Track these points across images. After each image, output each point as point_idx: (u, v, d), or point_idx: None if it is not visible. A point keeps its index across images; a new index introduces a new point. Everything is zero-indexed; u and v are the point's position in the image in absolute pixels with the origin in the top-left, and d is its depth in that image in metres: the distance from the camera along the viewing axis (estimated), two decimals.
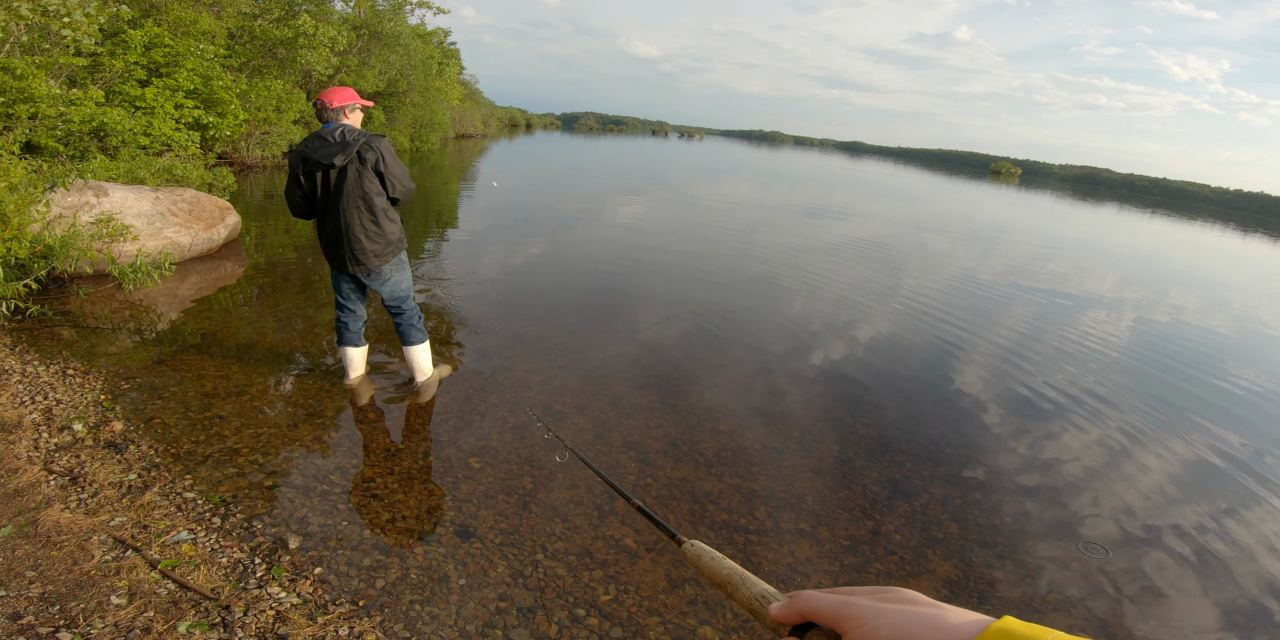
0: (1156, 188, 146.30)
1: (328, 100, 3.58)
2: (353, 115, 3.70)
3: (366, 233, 3.67)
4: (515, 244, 9.46)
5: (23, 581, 2.26)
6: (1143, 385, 6.38)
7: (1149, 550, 3.59)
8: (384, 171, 3.61)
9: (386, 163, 3.61)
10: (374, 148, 3.57)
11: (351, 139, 3.54)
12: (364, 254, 3.71)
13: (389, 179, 3.65)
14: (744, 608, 0.64)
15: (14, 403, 3.48)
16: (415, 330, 4.10)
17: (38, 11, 6.85)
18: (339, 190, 3.58)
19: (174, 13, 13.97)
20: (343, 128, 3.57)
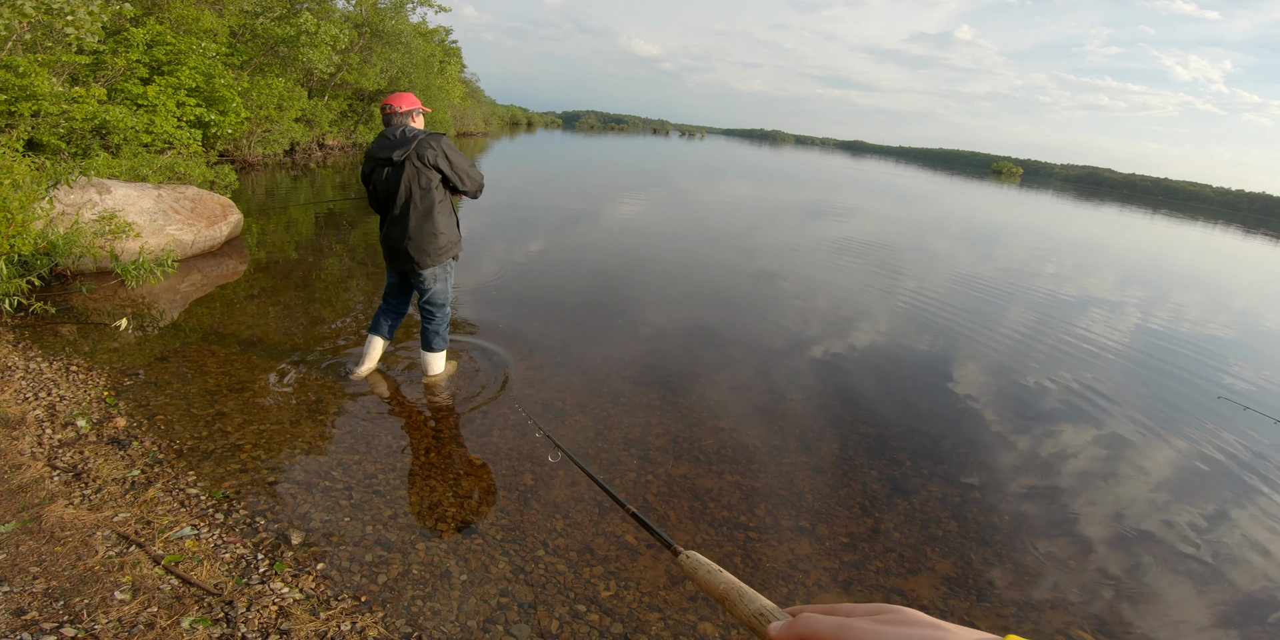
0: (1158, 188, 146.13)
1: (395, 104, 3.72)
2: (418, 119, 3.83)
3: (420, 230, 3.77)
4: (516, 242, 9.47)
5: (27, 577, 2.27)
6: (1142, 385, 6.39)
7: (1147, 549, 3.60)
8: (446, 167, 3.71)
9: (450, 157, 3.71)
10: (433, 145, 3.67)
11: (411, 136, 3.66)
12: (416, 251, 3.80)
13: (454, 172, 3.76)
14: (743, 623, 0.63)
15: (17, 399, 3.50)
16: (438, 338, 4.19)
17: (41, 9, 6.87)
18: (396, 186, 3.71)
19: (176, 11, 13.98)
20: (404, 127, 3.70)
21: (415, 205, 3.73)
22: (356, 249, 8.22)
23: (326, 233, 8.92)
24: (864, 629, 0.48)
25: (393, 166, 3.69)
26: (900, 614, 0.50)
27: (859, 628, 0.48)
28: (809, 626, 0.52)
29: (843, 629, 0.49)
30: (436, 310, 4.09)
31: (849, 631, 0.49)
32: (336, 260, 7.47)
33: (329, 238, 8.63)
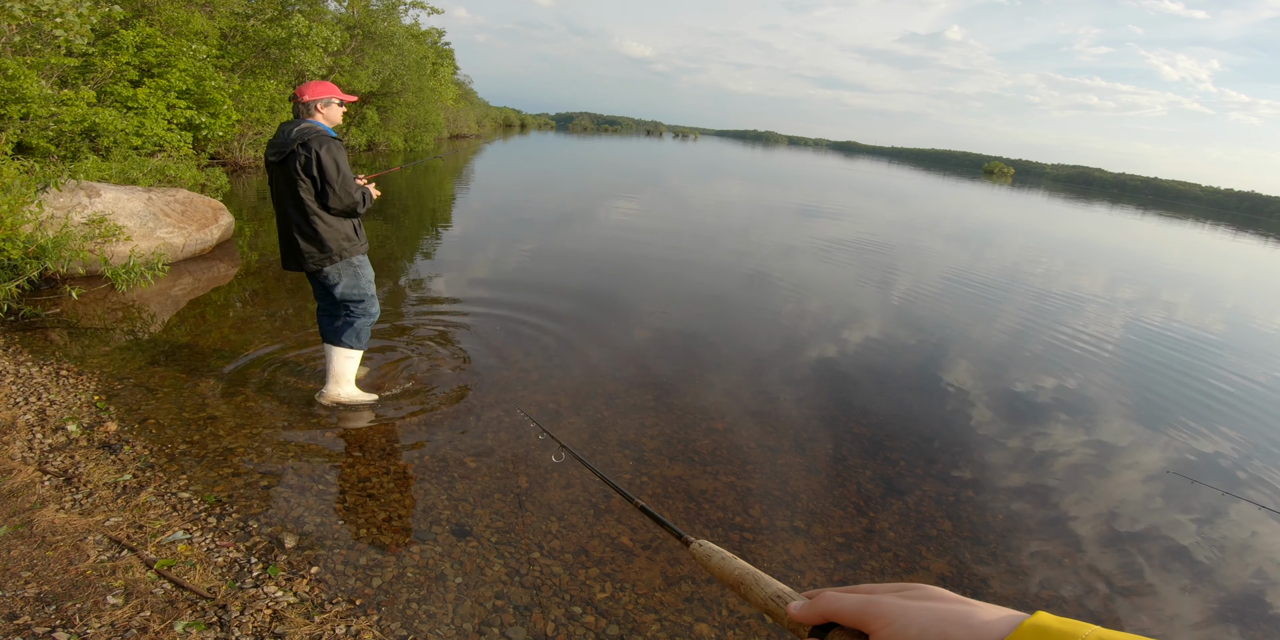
0: (1148, 187, 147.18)
1: (299, 93, 3.46)
2: (326, 110, 3.53)
3: (301, 232, 3.52)
4: (509, 244, 9.46)
5: (18, 582, 2.25)
6: (1133, 384, 6.43)
7: (1139, 546, 3.62)
8: (315, 174, 3.38)
9: (322, 164, 3.36)
10: (309, 149, 3.34)
11: (295, 135, 3.36)
12: (301, 251, 3.55)
13: (323, 183, 3.40)
14: (759, 608, 0.62)
15: (7, 404, 3.47)
16: (349, 330, 3.83)
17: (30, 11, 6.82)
18: (277, 185, 3.50)
19: (166, 13, 13.91)
20: (297, 123, 3.44)
21: (293, 209, 3.47)
22: None
23: None
24: (890, 604, 0.48)
25: (271, 165, 3.46)
26: (924, 590, 0.49)
27: (884, 603, 0.48)
28: (833, 604, 0.51)
29: (868, 604, 0.49)
30: (352, 305, 3.81)
31: (874, 607, 0.48)
32: None
33: None
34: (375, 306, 3.91)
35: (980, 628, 0.43)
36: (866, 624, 0.48)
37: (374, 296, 3.89)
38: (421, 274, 7.46)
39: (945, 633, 0.44)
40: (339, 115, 3.61)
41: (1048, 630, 0.41)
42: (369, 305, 3.86)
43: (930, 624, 0.45)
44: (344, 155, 3.44)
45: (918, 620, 0.45)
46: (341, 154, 3.43)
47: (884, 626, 0.46)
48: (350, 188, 3.48)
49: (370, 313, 3.88)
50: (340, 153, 3.43)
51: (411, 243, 9.26)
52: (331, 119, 3.58)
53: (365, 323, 3.86)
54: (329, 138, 3.39)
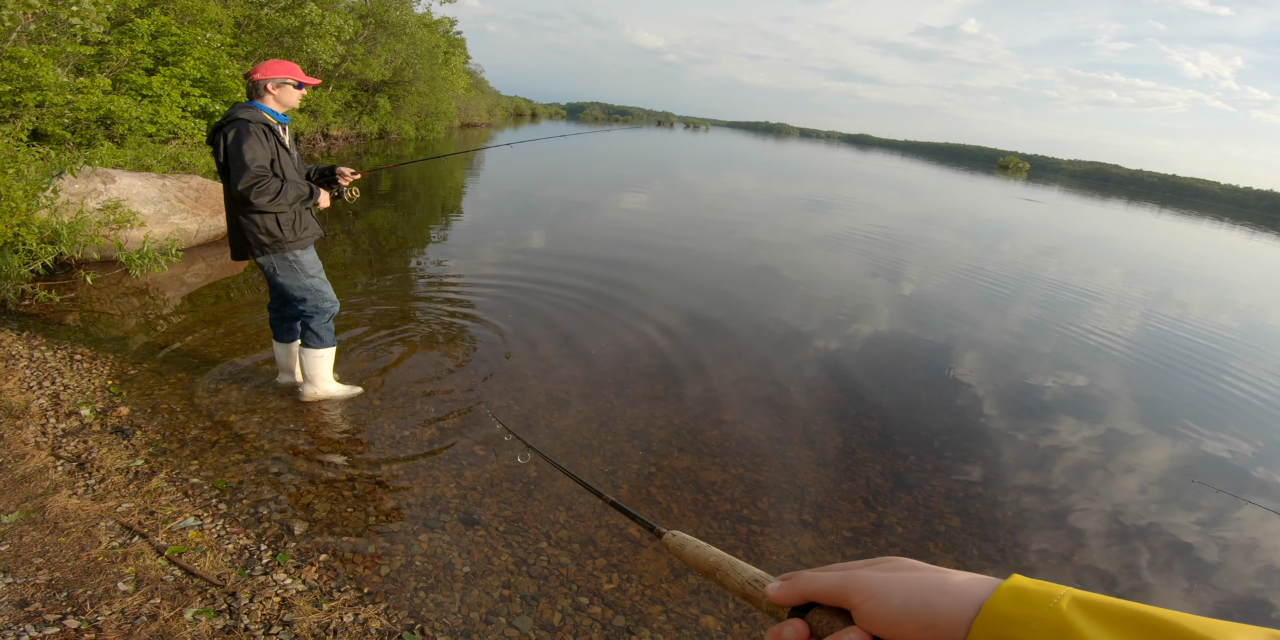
0: (1166, 185, 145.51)
1: (251, 72, 3.24)
2: (278, 91, 3.25)
3: (234, 218, 3.31)
4: (520, 233, 9.45)
5: (30, 568, 2.27)
6: (1145, 382, 6.37)
7: (1149, 543, 3.59)
8: (221, 156, 3.08)
9: (228, 144, 3.06)
10: (222, 132, 3.08)
11: (228, 116, 3.14)
12: (238, 239, 3.35)
13: (228, 163, 3.08)
14: (736, 593, 0.62)
15: (21, 388, 3.50)
16: (308, 332, 3.64)
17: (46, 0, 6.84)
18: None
19: (180, 1, 13.94)
20: (236, 105, 3.21)
21: (225, 191, 3.21)
22: (360, 238, 8.22)
23: (329, 222, 8.89)
24: (869, 577, 0.48)
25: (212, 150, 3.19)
26: (898, 562, 0.50)
27: (863, 576, 0.49)
28: (811, 583, 0.52)
29: (847, 579, 0.49)
30: (298, 303, 3.56)
31: (854, 581, 0.49)
32: (340, 249, 7.47)
33: (332, 227, 8.61)
34: (326, 301, 3.61)
35: (959, 592, 0.44)
36: (848, 598, 0.49)
37: (322, 290, 3.59)
38: (431, 263, 7.47)
39: (927, 599, 0.45)
40: (294, 98, 3.32)
41: (1025, 591, 0.42)
42: (317, 301, 3.57)
43: (912, 592, 0.46)
44: (255, 141, 3.08)
45: (899, 590, 0.46)
46: (250, 139, 3.07)
47: (866, 599, 0.47)
48: (250, 170, 3.07)
49: (322, 309, 3.60)
50: (250, 138, 3.07)
51: (421, 230, 9.27)
52: (284, 101, 3.30)
53: (321, 320, 3.61)
54: (246, 121, 3.08)
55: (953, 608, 0.44)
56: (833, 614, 0.51)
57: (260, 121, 3.13)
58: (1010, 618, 0.41)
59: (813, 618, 0.52)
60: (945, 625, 0.43)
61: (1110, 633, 0.38)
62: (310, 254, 3.54)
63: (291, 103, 3.33)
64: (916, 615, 0.44)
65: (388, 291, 6.12)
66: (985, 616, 0.42)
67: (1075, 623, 0.39)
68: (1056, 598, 0.41)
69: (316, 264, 3.58)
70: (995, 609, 0.42)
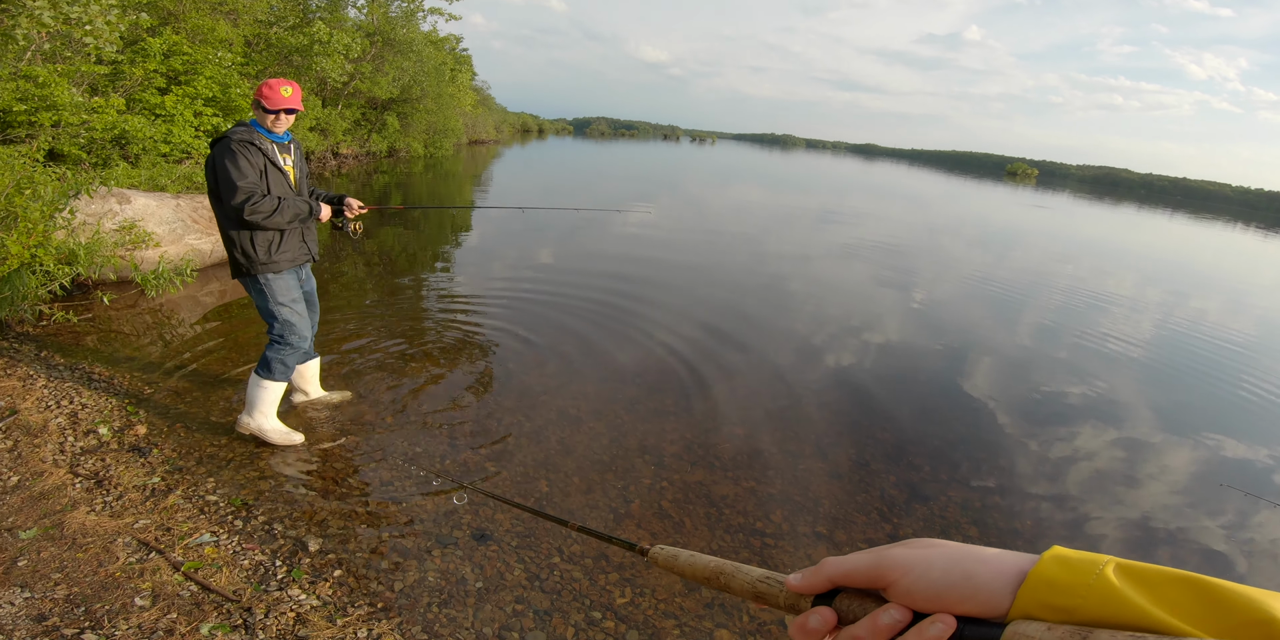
0: (1176, 188, 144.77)
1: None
2: (256, 112, 3.20)
3: (222, 232, 3.27)
4: (529, 249, 9.50)
5: (48, 583, 2.29)
6: (1166, 386, 6.31)
7: (1170, 552, 3.55)
8: (210, 178, 3.14)
9: (215, 166, 3.08)
10: (214, 149, 3.11)
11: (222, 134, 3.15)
12: (231, 253, 3.29)
13: (217, 185, 3.11)
14: (746, 595, 0.59)
15: (39, 407, 3.54)
16: (263, 360, 3.41)
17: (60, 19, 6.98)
18: None
19: (192, 20, 14.18)
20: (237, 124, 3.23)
21: (216, 212, 3.23)
22: (372, 258, 8.28)
23: (342, 242, 8.98)
24: (900, 553, 0.48)
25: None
26: (925, 541, 0.49)
27: (895, 554, 0.48)
28: (840, 566, 0.50)
29: (881, 556, 0.48)
30: (269, 329, 3.43)
31: (887, 559, 0.48)
32: (352, 269, 7.53)
33: (344, 246, 8.69)
34: (294, 335, 3.42)
35: (997, 562, 0.44)
36: (883, 576, 0.47)
37: (292, 323, 3.40)
38: (440, 278, 7.52)
39: (967, 569, 0.45)
40: (266, 119, 3.19)
41: (1069, 559, 0.43)
42: (283, 331, 3.39)
43: (951, 565, 0.45)
44: (239, 158, 3.04)
45: (938, 563, 0.46)
46: (233, 157, 3.04)
47: (903, 575, 0.46)
48: (240, 190, 3.04)
49: (287, 342, 3.40)
50: (232, 156, 3.04)
51: (431, 246, 9.35)
52: (263, 123, 3.22)
53: (281, 351, 3.40)
54: (228, 139, 3.07)
55: (994, 577, 0.44)
56: (862, 597, 0.49)
57: (243, 139, 3.08)
58: (1056, 584, 0.41)
59: (840, 603, 0.50)
60: (988, 595, 0.43)
61: (1155, 596, 0.39)
62: (285, 280, 3.37)
63: (267, 125, 3.20)
64: (958, 586, 0.44)
65: (398, 307, 6.17)
66: (1031, 584, 0.42)
67: (1121, 588, 0.40)
68: (1101, 564, 0.42)
69: (291, 292, 3.41)
70: (1041, 576, 0.42)
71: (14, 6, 6.91)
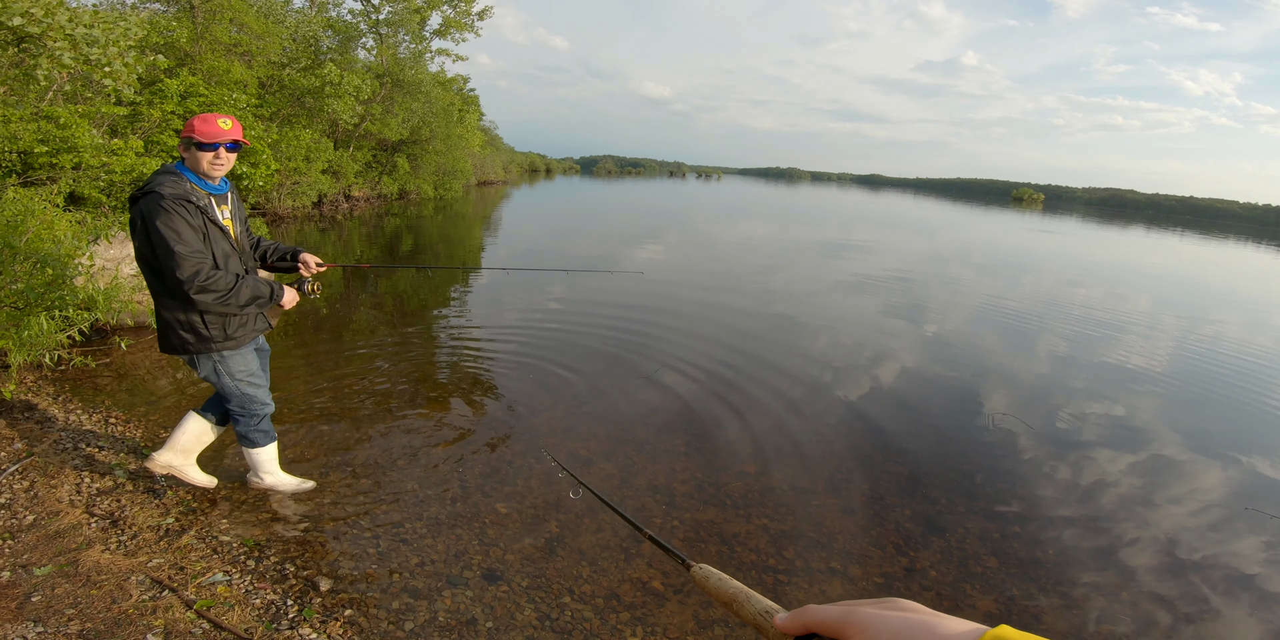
0: (1184, 207, 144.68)
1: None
2: (187, 155, 2.66)
3: (157, 305, 2.77)
4: (537, 287, 9.59)
5: (62, 618, 2.30)
6: (1187, 408, 6.24)
7: (1202, 577, 3.47)
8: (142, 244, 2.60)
9: (147, 231, 2.55)
10: (138, 205, 2.57)
11: (144, 184, 2.60)
12: (163, 332, 2.83)
13: (152, 253, 2.58)
14: (749, 622, 0.67)
15: (57, 449, 3.59)
16: (241, 438, 3.26)
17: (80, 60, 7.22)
18: None
19: (208, 62, 14.61)
20: (160, 169, 2.68)
21: (148, 279, 2.73)
22: (384, 303, 8.38)
23: (354, 286, 9.11)
24: (867, 613, 0.52)
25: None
26: (900, 603, 0.54)
27: (862, 612, 0.53)
28: (814, 615, 0.56)
29: (847, 613, 0.53)
30: (229, 404, 3.10)
31: (852, 615, 0.53)
32: (365, 314, 7.62)
33: (356, 290, 8.82)
34: (257, 403, 3.13)
35: (945, 636, 0.48)
36: (844, 630, 0.53)
37: (250, 395, 3.08)
38: (449, 318, 7.60)
39: (914, 638, 0.48)
40: (204, 163, 2.65)
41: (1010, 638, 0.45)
42: (246, 403, 3.10)
43: (901, 631, 0.49)
44: (177, 219, 2.52)
45: (889, 627, 0.50)
46: (171, 218, 2.51)
47: (859, 633, 0.51)
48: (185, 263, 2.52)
49: (250, 411, 3.13)
50: (169, 217, 2.51)
51: (441, 286, 9.45)
52: (195, 168, 2.68)
53: (250, 423, 3.18)
54: (159, 196, 2.51)
55: None
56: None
57: (179, 197, 2.54)
58: None
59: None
60: None
61: None
62: (242, 355, 2.99)
63: (203, 169, 2.66)
64: None
65: (407, 347, 6.23)
66: None
67: None
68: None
69: (249, 365, 3.04)
70: None
71: (35, 46, 7.16)
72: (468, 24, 25.66)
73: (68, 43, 7.14)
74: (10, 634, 2.19)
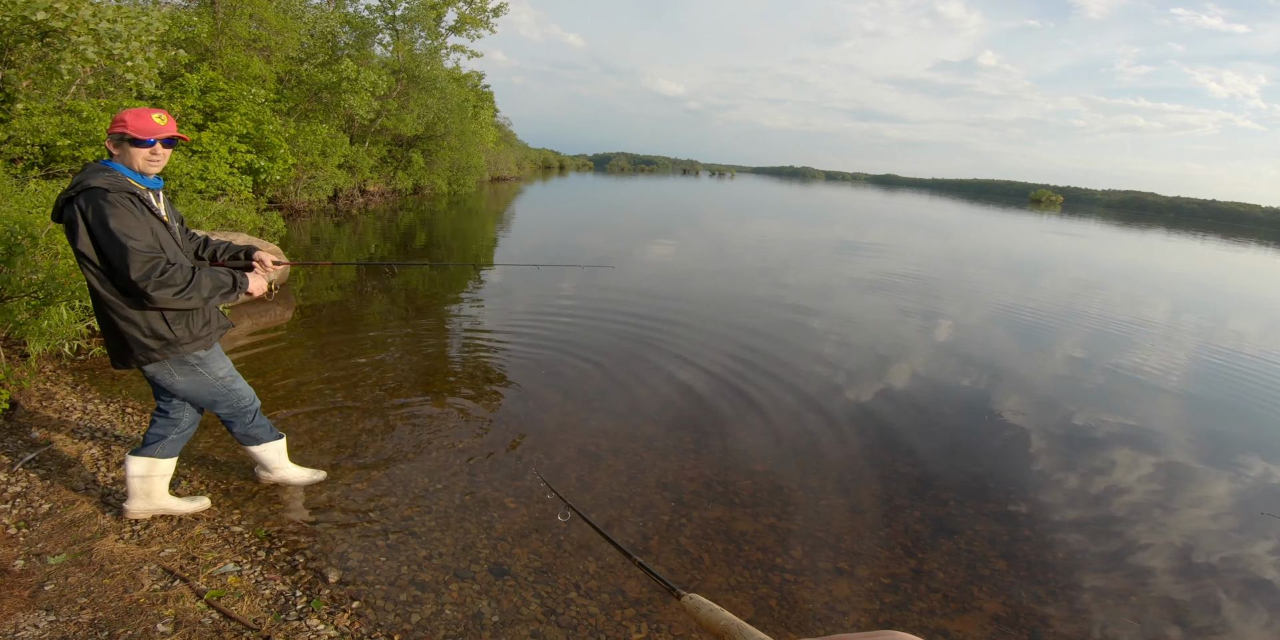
0: (1206, 210, 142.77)
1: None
2: (118, 151, 2.49)
3: (107, 319, 2.54)
4: (548, 285, 9.61)
5: (74, 607, 2.34)
6: (1202, 413, 6.16)
7: (1214, 583, 3.43)
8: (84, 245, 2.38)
9: (90, 226, 2.36)
10: (74, 203, 2.37)
11: (75, 182, 2.40)
12: (115, 346, 2.61)
13: (96, 252, 2.39)
14: None
15: (74, 438, 3.64)
16: (245, 438, 3.14)
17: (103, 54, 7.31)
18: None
19: (227, 57, 14.73)
20: (87, 166, 2.48)
21: (91, 285, 2.48)
22: (398, 297, 8.43)
23: (368, 280, 9.17)
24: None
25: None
26: (891, 636, 0.53)
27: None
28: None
29: None
30: (211, 408, 2.94)
31: None
32: (379, 309, 7.67)
33: (371, 285, 8.87)
34: (244, 399, 3.00)
35: None
36: None
37: (235, 389, 2.95)
38: (461, 315, 7.63)
39: None
40: (139, 160, 2.49)
41: None
42: (233, 402, 2.95)
43: None
44: (125, 213, 2.36)
45: None
46: (119, 211, 2.35)
47: None
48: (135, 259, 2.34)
49: (241, 409, 3.00)
50: (117, 210, 2.35)
51: (454, 282, 9.49)
52: (128, 164, 2.50)
53: (245, 422, 3.06)
54: (102, 190, 2.34)
55: None
56: None
57: (123, 190, 2.38)
58: None
59: None
60: None
61: None
62: (216, 351, 2.85)
63: (138, 165, 2.50)
64: None
65: (420, 343, 6.27)
66: None
67: None
68: None
69: (224, 360, 2.92)
70: None
71: (59, 41, 7.25)
72: (483, 20, 25.70)
73: (91, 37, 7.22)
74: (23, 623, 2.23)
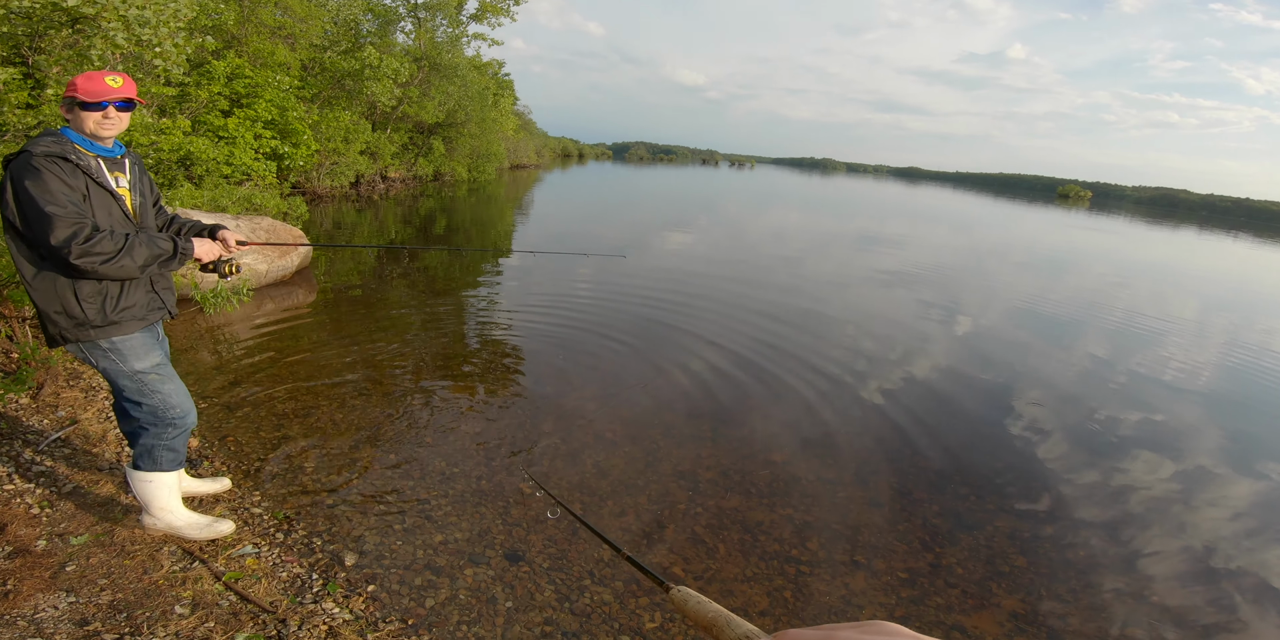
0: (1240, 208, 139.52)
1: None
2: (70, 115, 2.31)
3: (30, 288, 2.31)
4: (568, 273, 9.59)
5: (94, 588, 2.37)
6: (1228, 414, 6.01)
7: (1234, 583, 3.35)
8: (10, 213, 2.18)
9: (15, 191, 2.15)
10: (7, 169, 2.19)
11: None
12: (40, 316, 2.36)
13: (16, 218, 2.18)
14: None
15: (99, 418, 3.69)
16: (141, 452, 2.60)
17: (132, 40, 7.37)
18: None
19: (253, 44, 14.84)
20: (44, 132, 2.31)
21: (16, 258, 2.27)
22: (417, 281, 8.46)
23: (389, 264, 9.22)
24: (845, 636, 0.51)
25: None
26: (882, 626, 0.52)
27: (842, 636, 0.51)
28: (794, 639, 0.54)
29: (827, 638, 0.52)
30: (126, 405, 2.57)
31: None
32: (398, 292, 7.70)
33: (391, 269, 8.91)
34: (172, 409, 2.56)
35: None
36: None
37: (161, 392, 2.55)
38: (479, 301, 7.64)
39: None
40: (91, 123, 2.29)
41: None
42: (155, 406, 2.54)
43: None
44: (49, 177, 2.14)
45: None
46: (42, 176, 2.13)
47: None
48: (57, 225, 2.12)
49: (163, 419, 2.56)
50: (40, 175, 2.14)
51: (470, 268, 9.51)
52: (81, 128, 2.31)
53: (158, 435, 2.58)
54: (29, 154, 2.16)
55: None
56: None
57: (54, 155, 2.18)
58: None
59: None
60: None
61: None
62: (137, 340, 2.48)
63: (90, 129, 2.30)
64: None
65: (436, 329, 6.28)
66: None
67: None
68: None
69: (151, 352, 2.54)
70: None
71: (90, 27, 7.32)
72: (503, 8, 25.58)
73: (121, 23, 7.28)
74: (42, 604, 2.26)
